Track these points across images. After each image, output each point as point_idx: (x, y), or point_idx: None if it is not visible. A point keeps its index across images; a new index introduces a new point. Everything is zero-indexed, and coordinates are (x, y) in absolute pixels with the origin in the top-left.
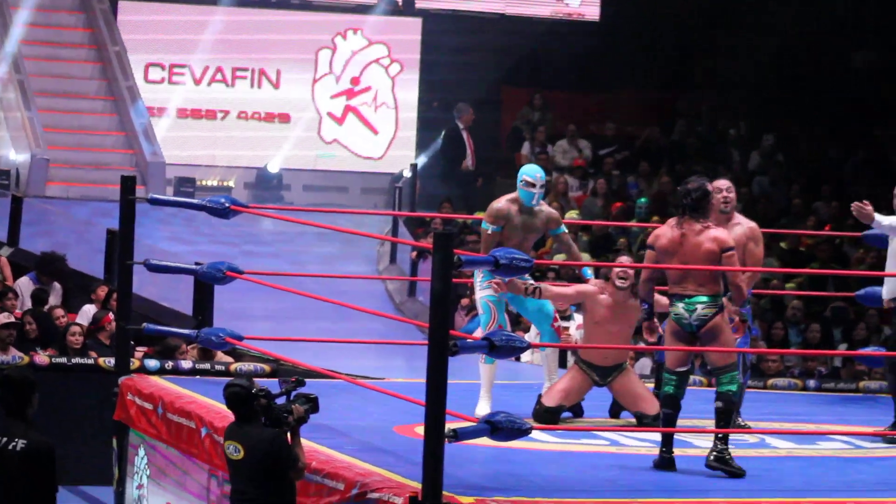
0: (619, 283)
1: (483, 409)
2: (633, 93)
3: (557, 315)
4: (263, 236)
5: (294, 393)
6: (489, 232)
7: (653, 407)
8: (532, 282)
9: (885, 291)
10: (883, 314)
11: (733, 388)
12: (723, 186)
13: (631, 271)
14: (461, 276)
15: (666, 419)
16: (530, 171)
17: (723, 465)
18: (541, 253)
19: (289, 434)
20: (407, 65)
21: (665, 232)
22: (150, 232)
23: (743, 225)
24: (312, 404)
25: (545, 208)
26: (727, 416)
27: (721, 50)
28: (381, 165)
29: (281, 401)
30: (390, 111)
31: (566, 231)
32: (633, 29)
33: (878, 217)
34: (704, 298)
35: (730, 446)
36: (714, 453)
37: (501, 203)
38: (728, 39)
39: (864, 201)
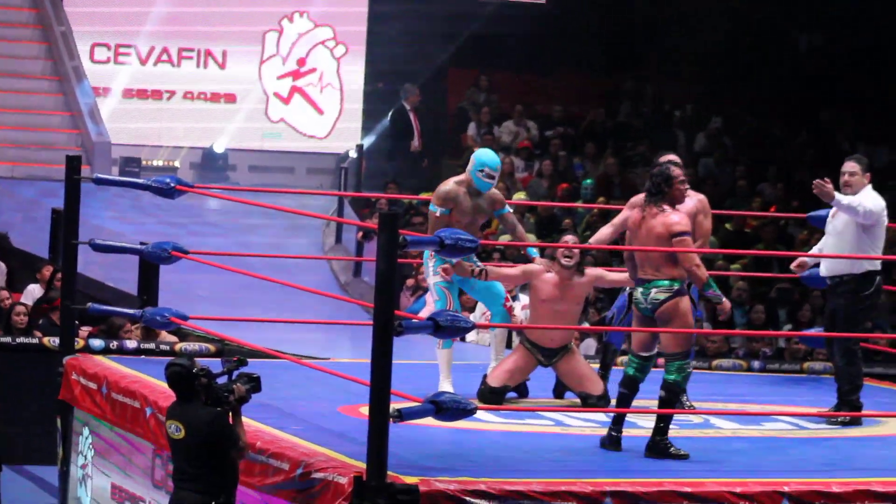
0: (564, 261)
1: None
2: (578, 74)
3: (509, 296)
4: (210, 216)
5: (237, 372)
6: (437, 215)
7: (597, 387)
8: (479, 264)
9: (823, 269)
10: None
11: (678, 377)
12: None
13: (576, 249)
14: (407, 256)
15: (620, 399)
16: (492, 163)
17: (659, 454)
18: (487, 234)
19: (231, 413)
20: (353, 46)
21: (633, 213)
22: (95, 212)
23: (693, 197)
24: (255, 384)
25: (491, 190)
26: (668, 405)
27: (667, 32)
28: (327, 146)
29: (223, 380)
30: (335, 92)
31: (511, 211)
32: (580, 10)
33: (837, 196)
34: (660, 283)
35: (675, 427)
36: (650, 443)
37: (450, 185)
38: (674, 21)
39: (826, 179)
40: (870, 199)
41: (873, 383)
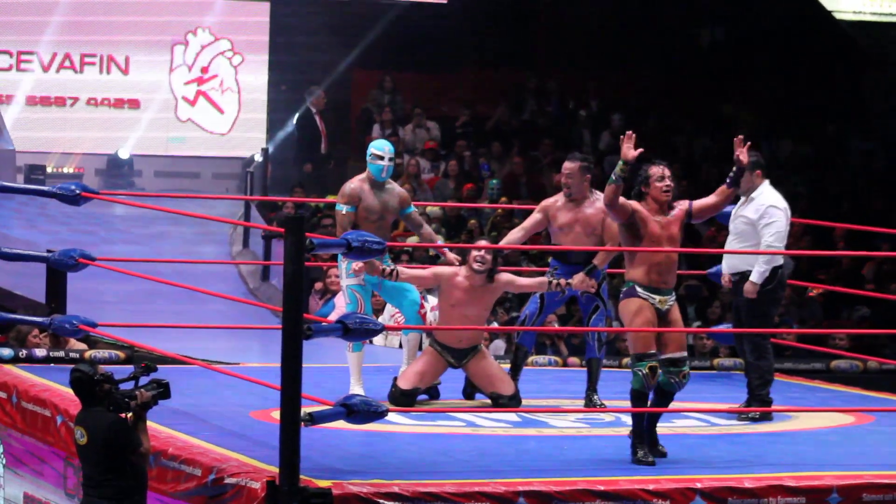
0: (475, 265)
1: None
2: (483, 73)
3: (424, 303)
4: (118, 223)
5: (146, 379)
6: (343, 213)
7: (508, 388)
8: (390, 264)
9: (726, 266)
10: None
11: (635, 385)
12: (564, 169)
13: (489, 257)
14: (315, 259)
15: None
16: (378, 145)
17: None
18: (394, 235)
19: (134, 419)
20: (254, 52)
21: None
22: (3, 221)
23: (601, 200)
24: (163, 390)
25: (396, 187)
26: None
27: (567, 28)
28: (233, 150)
29: (128, 386)
30: (234, 94)
31: (416, 210)
32: (482, 8)
33: (754, 280)
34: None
35: (586, 426)
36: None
37: (354, 183)
38: (574, 18)
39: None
40: (772, 232)
41: (784, 378)
